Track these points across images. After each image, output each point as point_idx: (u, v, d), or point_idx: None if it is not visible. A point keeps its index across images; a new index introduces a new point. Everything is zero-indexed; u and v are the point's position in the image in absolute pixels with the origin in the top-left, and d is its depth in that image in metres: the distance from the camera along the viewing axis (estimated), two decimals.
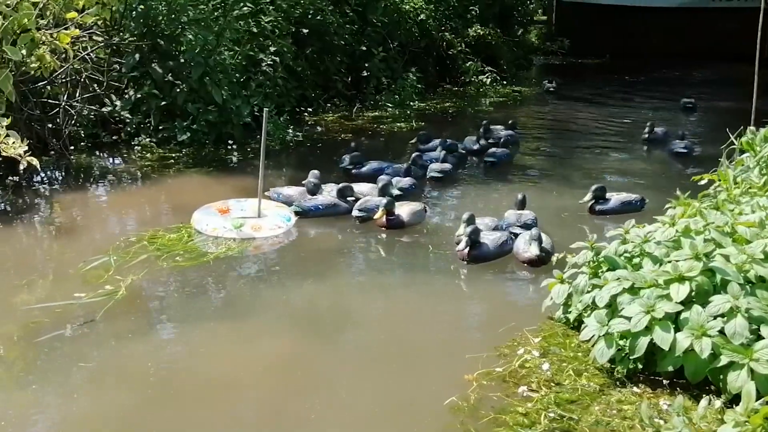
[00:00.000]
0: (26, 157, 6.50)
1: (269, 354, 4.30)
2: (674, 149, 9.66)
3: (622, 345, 3.93)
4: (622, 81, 17.56)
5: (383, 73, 13.74)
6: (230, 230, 6.12)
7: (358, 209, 6.62)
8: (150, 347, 4.34)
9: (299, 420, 3.64)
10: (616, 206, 6.92)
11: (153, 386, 3.92)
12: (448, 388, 3.89)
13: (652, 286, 4.00)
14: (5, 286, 5.22)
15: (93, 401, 3.78)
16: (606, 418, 3.60)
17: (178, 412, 3.68)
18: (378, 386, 3.99)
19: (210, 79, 9.59)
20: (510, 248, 5.82)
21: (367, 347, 4.43)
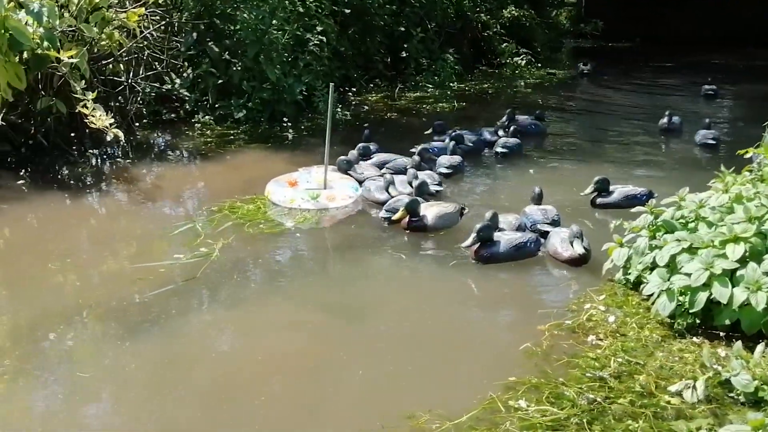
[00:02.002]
0: (112, 129, 7.01)
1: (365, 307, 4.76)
2: (702, 140, 9.20)
3: (681, 300, 4.35)
4: (652, 65, 17.69)
5: (421, 54, 14.10)
6: (307, 201, 6.56)
7: (386, 209, 6.20)
8: (245, 300, 4.82)
9: (407, 359, 4.10)
10: (619, 200, 6.60)
11: (251, 334, 4.40)
12: (522, 337, 4.34)
13: (709, 246, 4.40)
14: (109, 248, 5.74)
15: (205, 348, 4.28)
16: (669, 363, 4.03)
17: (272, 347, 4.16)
18: (459, 335, 4.45)
19: (264, 57, 10.01)
20: (529, 251, 5.47)
21: (451, 304, 4.85)
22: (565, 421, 3.50)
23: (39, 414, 3.59)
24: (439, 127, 9.07)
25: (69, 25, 7.80)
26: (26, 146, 8.17)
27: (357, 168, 7.45)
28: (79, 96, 7.13)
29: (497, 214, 5.74)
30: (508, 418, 3.54)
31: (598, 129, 10.80)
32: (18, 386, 3.79)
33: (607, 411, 3.59)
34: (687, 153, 9.14)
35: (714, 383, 3.77)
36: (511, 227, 5.81)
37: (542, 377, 3.90)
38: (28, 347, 4.16)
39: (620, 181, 7.02)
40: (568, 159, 8.76)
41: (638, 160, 8.71)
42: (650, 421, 3.50)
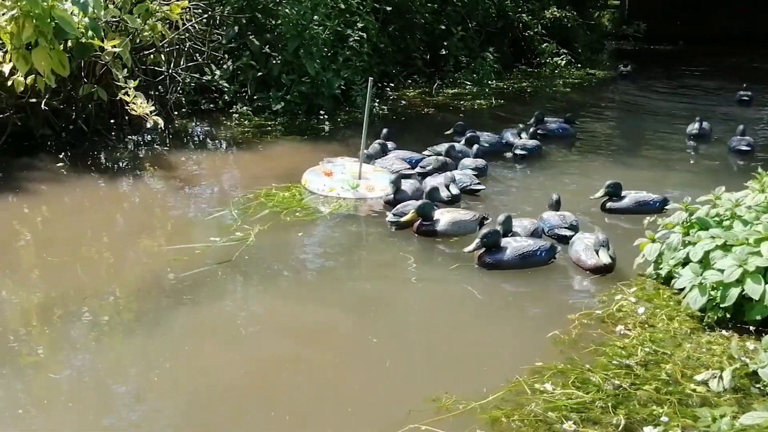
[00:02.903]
0: (152, 116, 7.18)
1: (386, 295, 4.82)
2: (737, 146, 8.88)
3: (713, 295, 4.33)
4: (692, 68, 17.43)
5: (461, 51, 14.14)
6: (347, 190, 6.64)
7: (393, 214, 5.95)
8: (277, 286, 4.93)
9: (425, 349, 4.16)
10: (630, 205, 6.41)
11: (280, 315, 4.50)
12: (550, 326, 4.37)
13: (744, 244, 4.38)
14: (147, 230, 5.90)
15: (236, 327, 4.39)
16: (697, 354, 4.03)
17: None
18: (487, 325, 4.50)
19: (304, 51, 10.14)
20: (537, 260, 5.24)
21: (481, 297, 4.89)
22: (590, 405, 3.53)
23: (64, 384, 3.72)
24: (460, 127, 8.87)
25: (113, 16, 8.00)
26: (66, 131, 8.40)
27: (382, 162, 7.52)
28: (122, 84, 7.31)
29: (511, 218, 5.57)
30: (533, 399, 3.58)
31: (629, 132, 10.68)
32: (56, 355, 3.94)
33: (632, 396, 3.61)
34: (720, 159, 8.89)
35: (741, 374, 3.77)
36: (526, 232, 5.60)
37: (569, 363, 3.92)
38: (59, 321, 4.31)
39: (648, 186, 6.82)
40: (593, 162, 8.57)
41: (668, 166, 8.49)
42: (674, 407, 3.51)
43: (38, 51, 7.03)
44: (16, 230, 5.82)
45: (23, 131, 7.97)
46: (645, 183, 7.06)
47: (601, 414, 3.47)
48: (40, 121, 8.14)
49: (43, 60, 7.06)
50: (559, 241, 5.58)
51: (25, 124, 7.98)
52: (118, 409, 3.48)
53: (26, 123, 7.99)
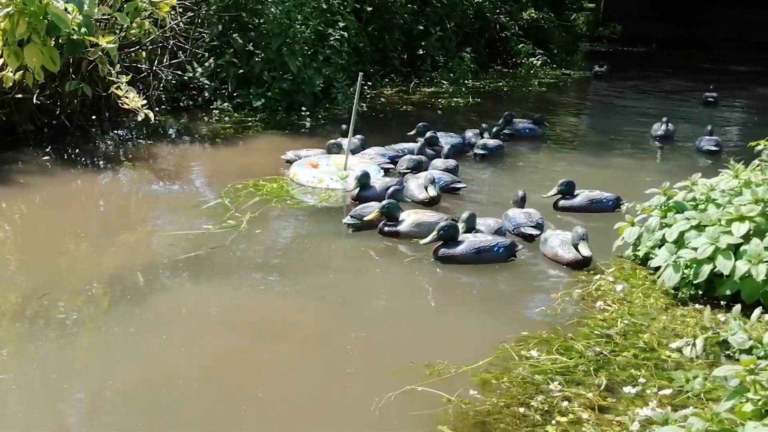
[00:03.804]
0: (143, 110, 7.32)
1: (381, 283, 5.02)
2: (705, 147, 8.97)
3: (687, 273, 4.59)
4: (664, 70, 17.84)
5: (438, 51, 14.39)
6: (336, 181, 6.81)
7: (350, 215, 5.83)
8: (269, 266, 5.11)
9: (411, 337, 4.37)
10: (582, 203, 6.42)
11: (272, 293, 4.68)
12: (535, 304, 4.65)
13: (716, 224, 4.64)
14: (143, 218, 6.11)
15: (232, 306, 4.56)
16: (671, 326, 4.29)
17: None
18: (474, 301, 4.73)
19: (288, 49, 10.31)
20: (494, 256, 5.20)
21: (469, 277, 5.10)
22: (573, 369, 3.76)
23: (47, 359, 3.87)
24: (423, 128, 8.62)
25: (104, 14, 8.12)
26: (49, 127, 8.46)
27: (362, 156, 7.63)
28: (113, 79, 7.44)
29: (474, 216, 5.54)
30: (520, 364, 3.81)
31: (599, 132, 10.82)
32: (57, 329, 4.09)
33: (612, 362, 3.85)
34: (688, 159, 8.84)
35: (712, 342, 4.02)
36: (490, 230, 5.56)
37: (552, 333, 4.16)
38: (55, 303, 4.46)
39: (616, 187, 6.88)
40: (561, 161, 8.61)
41: (638, 165, 8.55)
42: (651, 370, 3.76)
43: (30, 47, 7.15)
44: (5, 221, 5.94)
45: (6, 126, 8.01)
46: (613, 182, 7.22)
47: (583, 376, 3.71)
48: (23, 117, 8.20)
49: (34, 56, 7.17)
50: (524, 240, 5.59)
51: (8, 119, 8.04)
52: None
53: (9, 118, 8.05)
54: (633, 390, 3.58)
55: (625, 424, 3.28)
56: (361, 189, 6.44)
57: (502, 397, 3.55)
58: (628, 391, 3.58)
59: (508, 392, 3.58)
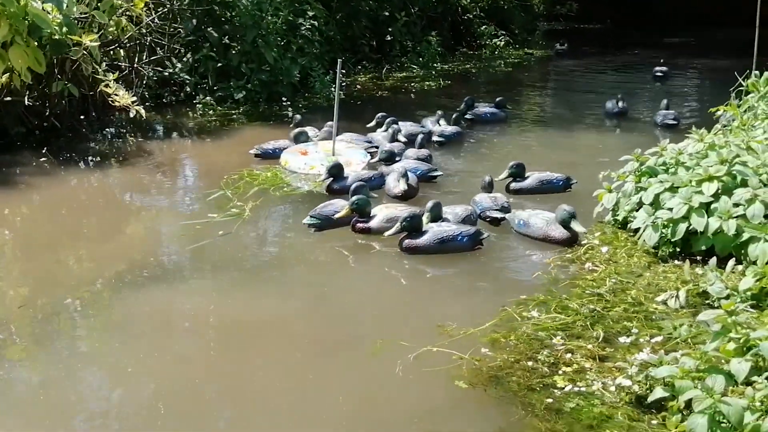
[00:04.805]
0: (134, 107, 7.53)
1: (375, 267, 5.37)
2: (664, 121, 9.25)
3: (665, 232, 5.02)
4: (621, 47, 18.36)
5: (405, 37, 14.73)
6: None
7: (310, 215, 5.69)
8: (277, 248, 5.43)
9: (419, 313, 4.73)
10: (533, 185, 6.51)
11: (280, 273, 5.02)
12: (529, 269, 5.06)
13: (688, 185, 5.07)
14: (150, 210, 6.37)
15: (244, 289, 4.88)
16: (655, 282, 4.73)
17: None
18: (474, 272, 5.10)
19: (262, 41, 10.56)
20: (458, 245, 5.24)
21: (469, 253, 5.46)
22: (571, 324, 4.17)
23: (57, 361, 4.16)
24: (382, 118, 8.60)
25: (81, 12, 8.27)
26: (40, 128, 8.62)
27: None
28: (100, 77, 7.63)
29: (440, 205, 5.56)
30: (523, 324, 4.21)
31: (563, 111, 11.14)
32: (75, 318, 4.37)
33: (605, 317, 4.27)
34: (648, 134, 9.04)
35: (693, 293, 4.47)
36: (457, 218, 5.56)
37: (549, 295, 4.57)
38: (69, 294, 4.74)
39: (582, 167, 7.11)
40: (524, 142, 8.88)
41: (599, 143, 8.77)
42: (642, 322, 4.19)
43: (14, 49, 7.29)
44: (14, 219, 6.16)
45: None
46: (578, 160, 7.57)
47: (582, 330, 4.11)
48: (14, 120, 8.35)
49: (19, 58, 7.32)
50: (491, 224, 5.77)
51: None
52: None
53: (0, 121, 8.19)
54: (628, 340, 4.00)
55: (625, 369, 3.68)
56: (333, 180, 6.52)
57: (511, 353, 3.93)
58: (623, 341, 4.00)
59: (516, 349, 3.97)
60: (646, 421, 3.32)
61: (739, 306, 3.56)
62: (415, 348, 3.96)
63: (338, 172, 6.59)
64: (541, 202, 6.17)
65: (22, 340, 4.10)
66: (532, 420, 3.36)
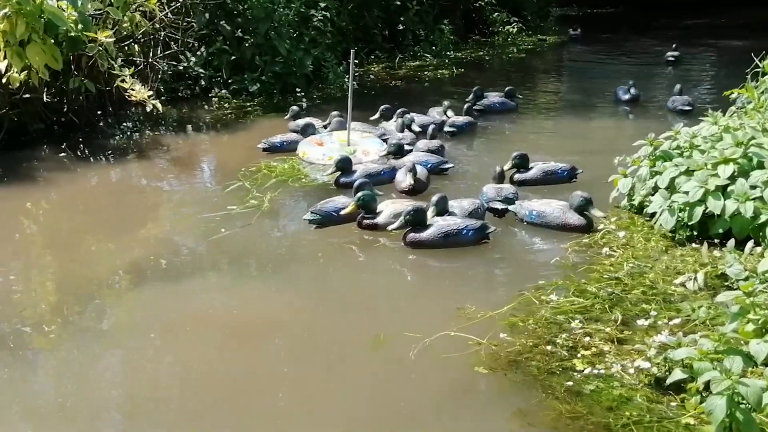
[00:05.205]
0: (150, 101, 7.60)
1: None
2: (678, 106, 9.05)
3: (681, 216, 5.02)
4: (635, 31, 18.13)
5: (418, 26, 14.71)
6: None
7: (311, 211, 5.63)
8: (294, 239, 5.50)
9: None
10: (537, 176, 6.41)
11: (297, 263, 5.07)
12: (547, 255, 5.08)
13: (703, 168, 5.07)
14: (169, 203, 6.46)
15: (262, 280, 4.95)
16: (673, 264, 4.75)
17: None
18: (492, 259, 5.13)
19: (275, 33, 10.60)
20: (462, 239, 5.16)
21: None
22: (590, 308, 4.22)
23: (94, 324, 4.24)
24: (386, 111, 8.51)
25: (96, 9, 8.35)
26: (59, 124, 8.72)
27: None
28: (117, 73, 7.70)
29: (446, 198, 5.46)
30: (541, 308, 4.25)
31: (576, 98, 10.99)
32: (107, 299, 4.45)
33: (624, 300, 4.30)
34: (661, 120, 8.79)
35: (712, 276, 4.48)
36: (464, 212, 5.45)
37: (567, 279, 4.61)
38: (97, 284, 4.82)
39: (593, 154, 7.06)
40: (536, 133, 8.68)
41: (613, 131, 8.65)
42: (660, 304, 4.22)
43: (32, 47, 7.37)
44: (35, 213, 6.26)
45: (17, 127, 8.27)
46: (590, 148, 7.52)
47: (600, 314, 4.15)
48: (33, 116, 8.46)
49: (37, 55, 7.40)
50: (496, 215, 5.71)
51: (19, 119, 8.29)
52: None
53: (20, 118, 8.30)
54: (646, 322, 4.03)
55: (643, 351, 3.71)
56: (342, 174, 6.47)
57: (530, 337, 3.98)
58: (641, 323, 4.03)
59: (534, 333, 4.02)
60: (665, 403, 3.36)
61: (758, 287, 3.58)
62: (432, 334, 4.01)
63: (346, 165, 6.52)
64: (547, 193, 6.08)
65: (44, 334, 4.18)
66: (552, 402, 3.40)
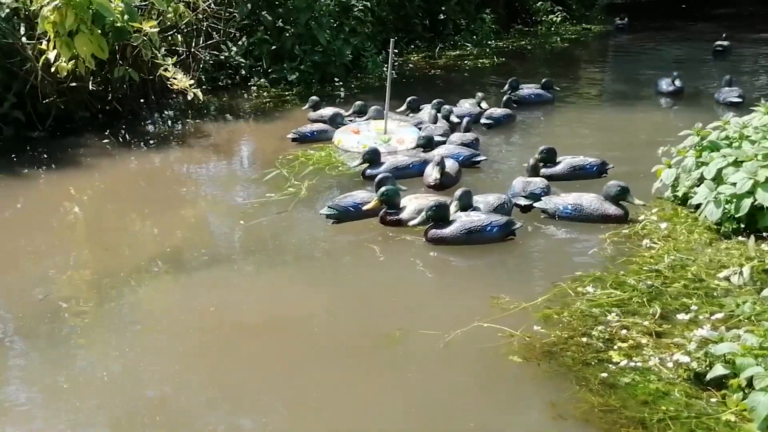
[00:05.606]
0: (191, 90, 7.65)
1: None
2: (727, 98, 8.71)
3: (728, 208, 4.86)
4: (685, 20, 17.74)
5: (459, 15, 14.57)
6: (380, 145, 7.08)
7: (328, 206, 5.47)
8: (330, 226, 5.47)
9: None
10: (564, 171, 6.18)
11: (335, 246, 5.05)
12: (585, 246, 4.95)
13: (753, 159, 4.90)
14: (208, 190, 6.49)
15: (295, 265, 4.92)
16: (717, 258, 4.60)
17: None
18: (528, 249, 5.04)
19: (315, 22, 10.59)
20: (486, 236, 4.95)
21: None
22: (627, 301, 4.10)
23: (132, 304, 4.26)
24: (414, 102, 8.43)
25: (141, 0, 8.44)
26: (103, 112, 8.85)
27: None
28: (160, 62, 7.77)
29: (470, 193, 5.30)
30: (577, 300, 4.15)
31: (618, 88, 10.78)
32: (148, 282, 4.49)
33: (663, 293, 4.18)
34: (708, 113, 8.29)
35: (758, 270, 4.32)
36: (489, 207, 5.26)
37: (605, 271, 4.50)
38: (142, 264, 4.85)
39: (633, 148, 6.88)
40: (572, 126, 8.41)
41: (651, 125, 8.22)
42: (702, 298, 4.09)
43: (80, 37, 7.47)
44: (79, 198, 6.34)
45: (63, 115, 8.41)
46: (629, 142, 7.35)
47: (638, 307, 4.04)
48: (79, 105, 8.59)
49: (84, 45, 7.50)
50: (523, 210, 5.52)
51: (65, 107, 8.43)
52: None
53: (67, 106, 8.44)
54: (686, 316, 3.90)
55: (683, 345, 3.60)
56: (369, 166, 6.36)
57: (565, 329, 3.89)
58: (681, 317, 3.90)
59: (569, 325, 3.92)
60: (704, 399, 3.25)
61: None
62: (465, 325, 3.94)
63: (374, 158, 6.39)
64: (577, 188, 5.79)
65: (88, 313, 4.22)
66: (586, 394, 3.32)
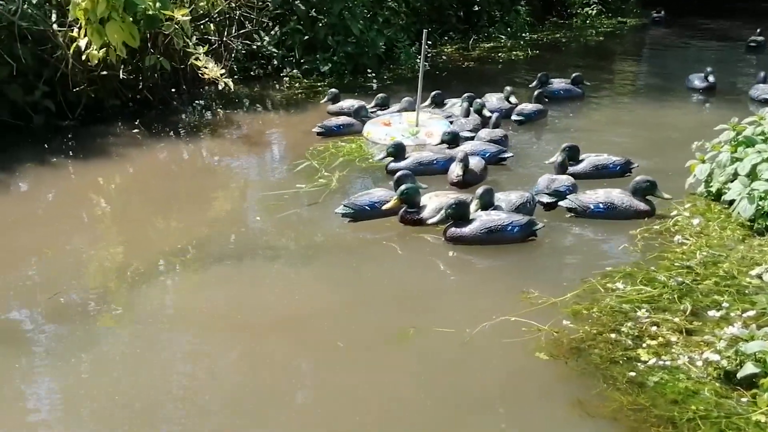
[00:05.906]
0: (223, 80, 7.70)
1: None
2: (761, 96, 8.56)
3: (762, 204, 4.77)
4: (723, 13, 17.36)
5: (494, 7, 14.47)
6: (407, 137, 7.09)
7: (344, 204, 5.34)
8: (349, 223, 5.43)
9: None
10: (587, 169, 6.03)
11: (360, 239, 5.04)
12: (615, 241, 4.91)
13: None
14: (238, 180, 6.54)
15: (326, 258, 4.93)
16: (750, 255, 4.52)
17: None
18: (558, 244, 4.99)
19: (349, 13, 10.59)
20: (507, 236, 4.83)
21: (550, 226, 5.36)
22: (658, 297, 4.05)
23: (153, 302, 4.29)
24: (438, 97, 8.28)
25: None
26: (133, 101, 8.93)
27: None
28: (191, 51, 7.82)
29: (491, 191, 5.17)
30: (607, 296, 4.11)
31: (651, 83, 10.57)
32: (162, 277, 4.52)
33: (694, 290, 4.12)
34: (742, 110, 7.88)
35: None
36: (511, 206, 5.11)
37: (635, 267, 4.44)
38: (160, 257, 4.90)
39: (667, 145, 6.74)
40: (603, 122, 8.24)
41: (683, 122, 8.08)
42: (734, 296, 4.02)
43: (111, 25, 7.52)
44: (108, 187, 6.43)
45: (94, 103, 8.50)
46: (663, 139, 7.21)
47: (669, 303, 3.99)
48: (109, 93, 8.68)
49: (115, 33, 7.55)
50: (546, 209, 5.40)
51: (96, 95, 8.52)
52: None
53: (97, 95, 8.53)
54: (717, 314, 3.85)
55: (713, 343, 3.54)
56: (393, 160, 6.26)
57: (594, 325, 3.85)
58: (712, 315, 3.85)
59: (598, 321, 3.89)
60: (734, 398, 3.20)
61: None
62: (492, 319, 3.92)
63: (398, 152, 6.28)
64: (593, 187, 5.58)
65: (116, 305, 4.28)
66: (614, 393, 3.29)
